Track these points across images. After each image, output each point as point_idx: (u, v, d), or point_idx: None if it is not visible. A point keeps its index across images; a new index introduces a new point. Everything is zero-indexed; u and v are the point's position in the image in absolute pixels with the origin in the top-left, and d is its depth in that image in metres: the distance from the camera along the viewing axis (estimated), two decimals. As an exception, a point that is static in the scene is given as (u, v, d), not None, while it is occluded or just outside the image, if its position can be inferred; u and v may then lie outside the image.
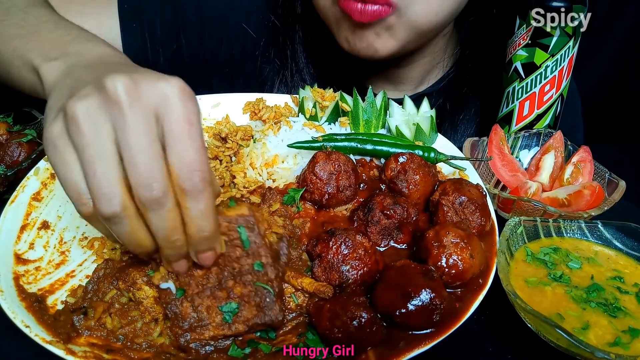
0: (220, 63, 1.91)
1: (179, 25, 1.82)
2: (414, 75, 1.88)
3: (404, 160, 1.31)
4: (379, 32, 1.52)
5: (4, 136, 1.49)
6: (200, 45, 1.86)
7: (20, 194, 1.29)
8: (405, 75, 1.87)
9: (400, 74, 1.87)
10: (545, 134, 1.57)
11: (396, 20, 1.49)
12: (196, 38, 1.85)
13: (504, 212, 1.40)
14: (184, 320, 0.98)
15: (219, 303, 0.98)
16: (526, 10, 1.47)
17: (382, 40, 1.54)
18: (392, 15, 1.47)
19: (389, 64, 1.82)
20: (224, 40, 1.88)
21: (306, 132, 1.50)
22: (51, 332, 0.99)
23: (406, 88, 1.91)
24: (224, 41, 1.88)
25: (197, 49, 1.86)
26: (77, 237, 1.26)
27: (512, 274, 1.13)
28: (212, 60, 1.90)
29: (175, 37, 1.83)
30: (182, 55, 1.85)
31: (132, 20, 1.77)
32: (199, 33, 1.84)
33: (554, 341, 0.99)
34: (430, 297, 0.98)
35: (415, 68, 1.85)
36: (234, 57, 1.91)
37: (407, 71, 1.86)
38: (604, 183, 1.40)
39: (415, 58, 1.80)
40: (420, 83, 1.91)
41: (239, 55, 1.91)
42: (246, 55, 1.92)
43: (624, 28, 3.02)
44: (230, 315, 0.98)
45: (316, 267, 1.09)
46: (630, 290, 1.10)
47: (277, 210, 1.24)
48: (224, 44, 1.88)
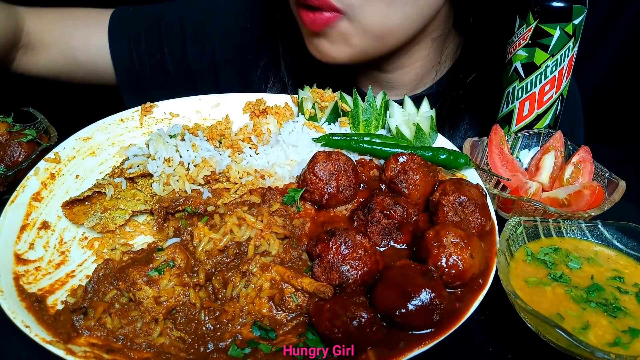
0: (204, 69, 1.98)
1: (161, 37, 1.94)
2: (406, 80, 1.87)
3: (404, 160, 1.31)
4: (334, 40, 1.55)
5: (4, 136, 1.49)
6: (183, 53, 1.96)
7: (20, 194, 1.29)
8: (397, 80, 1.86)
9: (390, 79, 1.86)
10: (545, 134, 1.57)
11: (348, 26, 1.50)
12: (179, 47, 1.95)
13: (504, 212, 1.40)
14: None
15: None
16: (526, 10, 1.46)
17: (336, 47, 1.57)
18: (343, 22, 1.49)
19: (377, 68, 1.82)
20: (206, 47, 1.96)
21: (306, 132, 1.50)
22: (51, 332, 0.99)
23: (400, 93, 1.89)
24: (206, 48, 1.96)
25: (180, 57, 1.96)
26: (77, 237, 1.26)
27: (512, 274, 1.13)
28: (196, 67, 1.98)
29: (159, 47, 1.94)
30: (166, 64, 1.96)
31: (119, 33, 1.93)
32: (181, 42, 1.95)
33: (554, 341, 0.99)
34: (430, 297, 0.98)
35: (407, 73, 1.84)
36: (217, 63, 1.98)
37: (399, 76, 1.85)
38: (604, 183, 1.40)
39: (404, 63, 1.79)
40: (415, 87, 1.90)
41: (222, 61, 1.98)
42: (230, 62, 1.98)
43: (624, 28, 3.01)
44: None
45: (316, 267, 1.09)
46: (630, 290, 1.10)
47: (277, 210, 1.24)
48: (206, 51, 1.97)
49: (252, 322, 1.04)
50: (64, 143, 1.45)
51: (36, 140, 1.48)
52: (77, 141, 1.47)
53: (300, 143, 1.46)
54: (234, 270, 1.10)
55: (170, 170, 1.35)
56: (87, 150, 1.47)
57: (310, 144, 1.47)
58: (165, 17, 1.95)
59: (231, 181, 1.36)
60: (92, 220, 1.25)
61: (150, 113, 1.60)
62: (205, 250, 1.14)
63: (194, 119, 1.63)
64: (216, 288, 1.09)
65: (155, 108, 1.62)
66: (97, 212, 1.28)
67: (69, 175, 1.39)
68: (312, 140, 1.47)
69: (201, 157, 1.39)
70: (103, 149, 1.49)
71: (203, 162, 1.37)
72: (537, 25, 1.46)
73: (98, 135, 1.51)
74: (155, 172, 1.35)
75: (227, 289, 1.08)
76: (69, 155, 1.43)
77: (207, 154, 1.41)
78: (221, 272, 1.11)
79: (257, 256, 1.12)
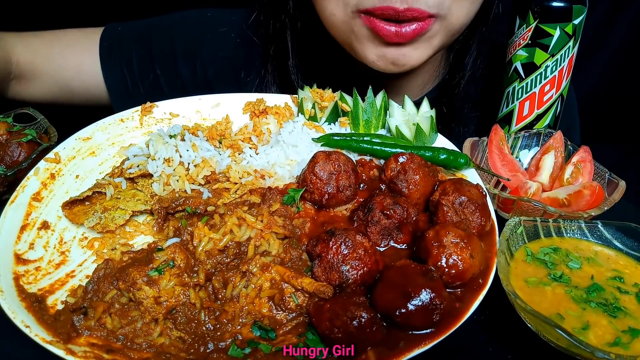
0: (198, 86, 1.97)
1: (153, 58, 1.93)
2: (412, 86, 1.87)
3: (404, 160, 1.31)
4: (419, 45, 1.46)
5: (4, 136, 1.49)
6: (175, 73, 1.94)
7: (20, 194, 1.29)
8: (404, 86, 1.86)
9: (399, 86, 1.86)
10: (545, 134, 1.57)
11: (438, 26, 1.45)
12: (171, 68, 1.94)
13: (504, 212, 1.40)
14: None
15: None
16: (526, 10, 1.47)
17: (419, 52, 1.48)
18: (435, 24, 1.43)
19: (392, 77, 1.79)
20: (197, 65, 1.94)
21: (306, 132, 1.50)
22: (51, 332, 0.99)
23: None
24: (197, 67, 1.94)
25: (172, 77, 1.95)
26: (77, 237, 1.26)
27: (512, 274, 1.13)
28: (190, 85, 1.97)
29: (151, 68, 1.93)
30: (160, 85, 1.95)
31: (110, 57, 1.91)
32: (172, 63, 1.93)
33: (554, 341, 0.99)
34: (430, 297, 0.98)
35: (415, 79, 1.84)
36: (210, 81, 1.96)
37: (407, 82, 1.85)
38: (604, 183, 1.40)
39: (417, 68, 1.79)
40: (419, 94, 1.90)
41: (215, 77, 1.96)
42: (222, 78, 1.96)
43: (624, 28, 3.01)
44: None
45: (316, 267, 1.09)
46: (630, 290, 1.10)
47: (277, 210, 1.24)
48: (198, 69, 1.95)
49: (252, 322, 1.04)
50: (64, 143, 1.45)
51: (36, 140, 1.48)
52: (77, 141, 1.47)
53: (300, 143, 1.46)
54: (234, 270, 1.11)
55: (170, 170, 1.35)
56: (87, 150, 1.47)
57: (310, 144, 1.47)
58: (155, 37, 1.93)
59: (231, 181, 1.36)
60: (92, 220, 1.25)
61: (150, 113, 1.60)
62: (205, 250, 1.14)
63: (194, 119, 1.63)
64: (216, 288, 1.09)
65: (155, 108, 1.62)
66: (97, 212, 1.28)
67: (69, 175, 1.39)
68: (312, 140, 1.47)
69: (201, 157, 1.39)
70: (103, 149, 1.49)
71: (203, 162, 1.37)
72: (537, 25, 1.46)
73: (98, 135, 1.51)
74: (155, 172, 1.35)
75: (227, 289, 1.08)
76: (69, 155, 1.43)
77: (207, 154, 1.41)
78: (221, 272, 1.11)
79: (257, 256, 1.12)
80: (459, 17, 1.47)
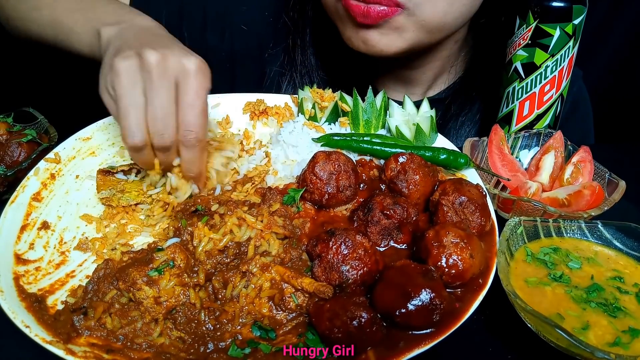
0: (221, 58, 1.93)
1: (182, 19, 1.89)
2: (424, 78, 1.87)
3: (404, 160, 1.31)
4: (385, 32, 1.50)
5: (4, 136, 1.49)
6: (202, 39, 1.90)
7: (20, 194, 1.29)
8: (416, 77, 1.87)
9: (411, 76, 1.86)
10: (545, 134, 1.57)
11: (405, 20, 1.47)
12: (198, 32, 1.89)
13: (504, 212, 1.40)
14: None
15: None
16: (526, 10, 1.47)
17: (387, 39, 1.51)
18: (401, 15, 1.45)
19: (401, 65, 1.81)
20: (226, 36, 1.90)
21: (306, 132, 1.50)
22: (51, 332, 0.99)
23: (417, 91, 1.90)
24: (226, 37, 1.90)
25: (198, 43, 1.89)
26: (77, 237, 1.26)
27: (512, 274, 1.13)
28: (213, 56, 1.90)
29: (178, 30, 1.87)
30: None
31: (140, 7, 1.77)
32: (201, 28, 1.89)
33: (554, 341, 0.99)
34: (430, 297, 0.98)
35: (426, 71, 1.84)
36: (235, 54, 1.93)
37: (418, 73, 1.85)
38: (604, 183, 1.40)
39: (427, 61, 1.79)
40: (430, 86, 1.90)
41: (241, 52, 1.93)
42: (248, 52, 1.93)
43: (624, 28, 3.01)
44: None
45: (316, 267, 1.09)
46: (630, 290, 1.10)
47: (277, 210, 1.24)
48: (226, 40, 1.91)
49: (252, 322, 1.04)
50: (64, 143, 1.45)
51: (36, 140, 1.48)
52: (77, 141, 1.47)
53: (300, 143, 1.46)
54: (234, 271, 1.10)
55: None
56: (87, 150, 1.47)
57: (310, 144, 1.47)
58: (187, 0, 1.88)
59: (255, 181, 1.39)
60: (106, 192, 1.29)
61: (150, 113, 1.60)
62: (205, 251, 1.14)
63: (194, 119, 1.63)
64: (216, 288, 1.09)
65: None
66: (114, 189, 1.30)
67: (69, 176, 1.39)
68: (312, 140, 1.47)
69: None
70: (103, 149, 1.49)
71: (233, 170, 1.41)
72: (537, 25, 1.46)
73: (98, 135, 1.51)
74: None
75: (227, 289, 1.08)
76: (69, 155, 1.43)
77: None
78: (221, 272, 1.11)
79: (257, 256, 1.12)
80: (433, 15, 1.47)
